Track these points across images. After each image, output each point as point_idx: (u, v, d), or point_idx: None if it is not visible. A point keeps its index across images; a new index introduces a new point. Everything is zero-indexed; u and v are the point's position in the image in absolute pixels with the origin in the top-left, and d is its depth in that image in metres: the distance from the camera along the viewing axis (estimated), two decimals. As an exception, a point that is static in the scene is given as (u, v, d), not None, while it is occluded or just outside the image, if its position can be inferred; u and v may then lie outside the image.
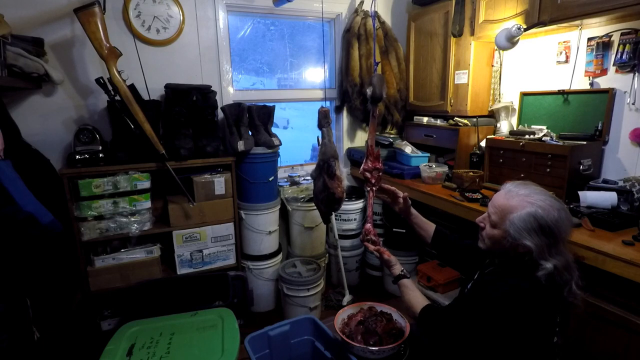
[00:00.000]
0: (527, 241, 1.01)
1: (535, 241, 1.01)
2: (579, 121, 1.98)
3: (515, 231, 1.03)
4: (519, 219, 1.03)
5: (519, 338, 1.05)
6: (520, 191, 1.08)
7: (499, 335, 1.06)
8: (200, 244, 2.24)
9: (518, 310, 1.02)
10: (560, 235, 1.03)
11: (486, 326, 1.06)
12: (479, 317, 1.06)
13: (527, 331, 1.05)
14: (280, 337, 1.57)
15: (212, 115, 2.22)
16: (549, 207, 1.02)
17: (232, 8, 2.45)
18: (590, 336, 1.44)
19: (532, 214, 1.01)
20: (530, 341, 1.06)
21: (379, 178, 1.60)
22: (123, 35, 2.14)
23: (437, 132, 2.52)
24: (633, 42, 1.73)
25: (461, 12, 2.29)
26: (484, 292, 1.10)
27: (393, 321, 1.49)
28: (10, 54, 1.68)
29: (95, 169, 1.96)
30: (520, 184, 1.11)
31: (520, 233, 1.02)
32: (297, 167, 2.91)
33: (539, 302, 1.03)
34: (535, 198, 1.04)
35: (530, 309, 1.03)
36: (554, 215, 1.01)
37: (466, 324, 1.09)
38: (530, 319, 1.03)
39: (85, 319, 2.05)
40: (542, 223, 1.01)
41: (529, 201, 1.04)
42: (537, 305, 1.03)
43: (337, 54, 2.81)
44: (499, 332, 1.05)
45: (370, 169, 1.61)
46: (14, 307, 1.42)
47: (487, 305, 1.05)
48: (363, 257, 2.94)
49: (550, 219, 1.01)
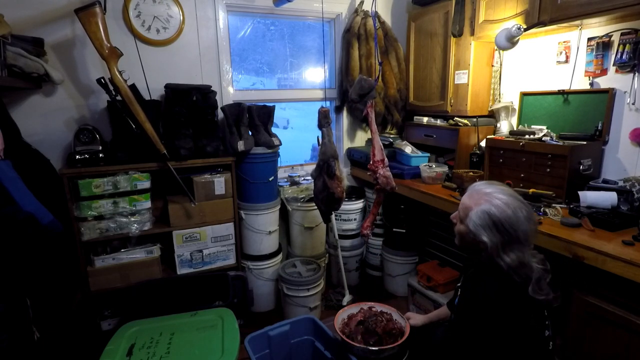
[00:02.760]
0: (483, 237, 1.08)
1: (490, 237, 1.08)
2: (579, 121, 1.98)
3: (473, 227, 1.10)
4: (475, 215, 1.10)
5: (506, 334, 1.07)
6: (484, 189, 1.14)
7: (488, 336, 1.09)
8: (200, 244, 2.24)
9: (497, 307, 1.07)
10: (516, 234, 1.07)
11: (477, 330, 1.10)
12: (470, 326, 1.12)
13: (512, 326, 1.07)
14: (280, 337, 1.57)
15: (212, 115, 2.22)
16: (504, 206, 1.07)
17: (232, 8, 2.45)
18: (590, 336, 1.44)
19: (487, 211, 1.08)
20: (518, 335, 1.08)
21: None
22: (123, 35, 2.14)
23: (437, 132, 2.52)
24: (633, 42, 1.73)
25: (461, 12, 2.29)
26: (467, 302, 1.18)
27: (393, 321, 1.49)
28: (10, 54, 1.68)
29: (95, 169, 1.96)
30: (486, 183, 1.17)
31: (477, 229, 1.09)
32: (297, 167, 2.91)
33: (511, 298, 1.07)
34: (493, 197, 1.10)
35: (504, 304, 1.07)
36: (507, 214, 1.06)
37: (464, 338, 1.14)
38: (509, 313, 1.07)
39: (85, 319, 2.05)
40: (495, 220, 1.07)
41: (487, 199, 1.10)
42: (510, 300, 1.07)
43: (337, 54, 2.81)
44: (487, 332, 1.08)
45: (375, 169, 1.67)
46: (14, 307, 1.42)
47: (473, 311, 1.12)
48: (363, 257, 2.94)
49: (504, 217, 1.06)
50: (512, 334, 1.07)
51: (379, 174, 1.87)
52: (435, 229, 2.65)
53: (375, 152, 1.89)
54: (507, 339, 1.07)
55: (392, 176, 1.90)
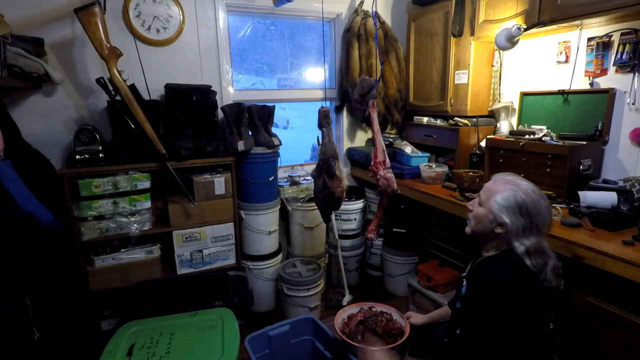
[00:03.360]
0: (505, 218, 1.13)
1: (512, 219, 1.12)
2: (579, 121, 1.98)
3: (496, 208, 1.15)
4: (501, 197, 1.15)
5: (511, 321, 1.08)
6: (509, 177, 1.21)
7: (492, 320, 1.09)
8: (200, 244, 2.24)
9: (508, 289, 1.08)
10: (537, 219, 1.12)
11: (482, 313, 1.12)
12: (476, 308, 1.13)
13: (518, 314, 1.08)
14: (280, 337, 1.57)
15: (212, 115, 2.22)
16: (530, 191, 1.13)
17: (232, 8, 2.45)
18: (590, 336, 1.44)
19: (514, 194, 1.13)
20: (522, 325, 1.09)
21: None
22: (123, 35, 2.14)
23: (437, 132, 2.52)
24: (633, 42, 1.73)
25: (461, 12, 2.29)
26: (476, 286, 1.19)
27: (393, 321, 1.49)
28: (10, 54, 1.68)
29: (95, 169, 1.96)
30: (509, 174, 1.24)
31: (500, 210, 1.14)
32: (297, 167, 2.91)
33: (522, 282, 1.10)
34: (519, 183, 1.16)
35: (516, 287, 1.09)
36: (532, 198, 1.12)
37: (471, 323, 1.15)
38: (520, 296, 1.08)
39: (85, 319, 2.05)
40: (521, 203, 1.12)
41: (513, 185, 1.16)
42: (521, 284, 1.09)
43: (337, 54, 2.81)
44: (492, 316, 1.09)
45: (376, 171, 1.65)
46: (14, 307, 1.42)
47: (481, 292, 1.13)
48: (363, 257, 2.94)
49: (529, 202, 1.12)
50: (519, 320, 1.08)
51: (380, 175, 1.84)
52: (435, 229, 2.65)
53: (377, 152, 1.85)
54: (515, 324, 1.08)
55: (394, 178, 1.85)
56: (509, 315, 1.07)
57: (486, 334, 1.11)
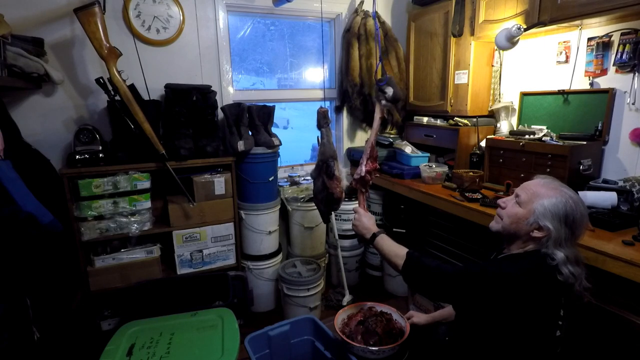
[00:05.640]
0: (549, 224, 1.08)
1: (555, 226, 1.08)
2: (579, 121, 1.98)
3: (541, 213, 1.10)
4: (549, 203, 1.10)
5: (522, 319, 1.07)
6: (554, 182, 1.17)
7: (504, 317, 1.08)
8: (200, 244, 2.24)
9: (524, 289, 1.06)
10: (578, 231, 1.11)
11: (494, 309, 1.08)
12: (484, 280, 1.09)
13: (532, 313, 1.07)
14: (280, 337, 1.57)
15: (212, 115, 2.22)
16: (580, 203, 1.11)
17: (232, 8, 2.45)
18: (590, 336, 1.43)
19: (564, 202, 1.09)
20: (530, 327, 1.08)
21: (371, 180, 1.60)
22: (123, 35, 2.14)
23: (437, 132, 2.52)
24: (633, 42, 1.73)
25: (461, 12, 2.29)
26: (496, 264, 1.17)
27: (393, 321, 1.49)
28: (10, 54, 1.68)
29: (95, 169, 1.96)
30: (552, 178, 1.20)
31: (545, 215, 1.09)
32: (297, 167, 2.91)
33: (545, 286, 1.07)
34: (568, 192, 1.12)
35: (537, 290, 1.06)
36: (580, 211, 1.09)
37: (464, 277, 1.13)
38: (536, 300, 1.06)
39: (85, 319, 2.05)
40: (570, 213, 1.08)
41: (563, 192, 1.11)
42: (542, 288, 1.07)
43: (337, 54, 2.81)
44: (505, 312, 1.07)
45: (371, 170, 1.61)
46: (14, 307, 1.42)
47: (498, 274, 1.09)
48: (363, 257, 2.94)
49: (577, 213, 1.09)
50: (531, 319, 1.07)
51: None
52: (435, 229, 2.65)
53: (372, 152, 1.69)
54: (525, 324, 1.07)
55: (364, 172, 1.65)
56: (523, 312, 1.06)
57: (493, 332, 1.10)
